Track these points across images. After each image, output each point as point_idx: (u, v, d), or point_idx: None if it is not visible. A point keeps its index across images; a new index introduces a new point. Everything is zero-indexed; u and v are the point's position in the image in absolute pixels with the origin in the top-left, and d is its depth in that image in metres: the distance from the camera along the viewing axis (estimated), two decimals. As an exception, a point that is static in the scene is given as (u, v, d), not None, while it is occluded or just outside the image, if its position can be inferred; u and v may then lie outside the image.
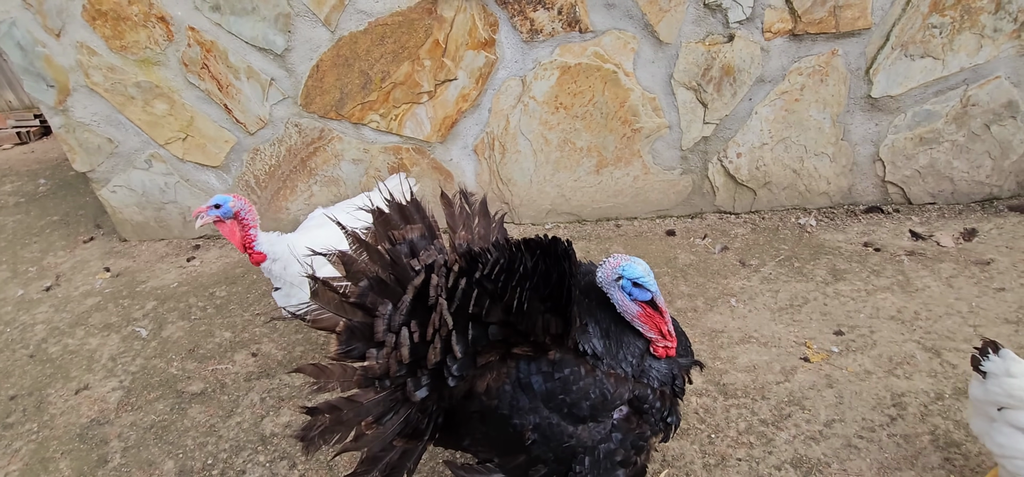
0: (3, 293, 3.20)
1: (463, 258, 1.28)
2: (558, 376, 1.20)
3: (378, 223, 1.40)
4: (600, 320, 1.27)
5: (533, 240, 1.26)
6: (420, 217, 1.44)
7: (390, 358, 1.23)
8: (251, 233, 1.82)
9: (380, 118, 2.82)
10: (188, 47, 2.69)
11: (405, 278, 1.28)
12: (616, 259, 1.23)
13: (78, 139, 3.06)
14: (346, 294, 1.26)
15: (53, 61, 2.81)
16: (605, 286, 1.24)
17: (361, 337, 1.26)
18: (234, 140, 3.00)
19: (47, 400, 2.39)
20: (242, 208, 1.79)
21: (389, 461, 1.27)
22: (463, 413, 1.28)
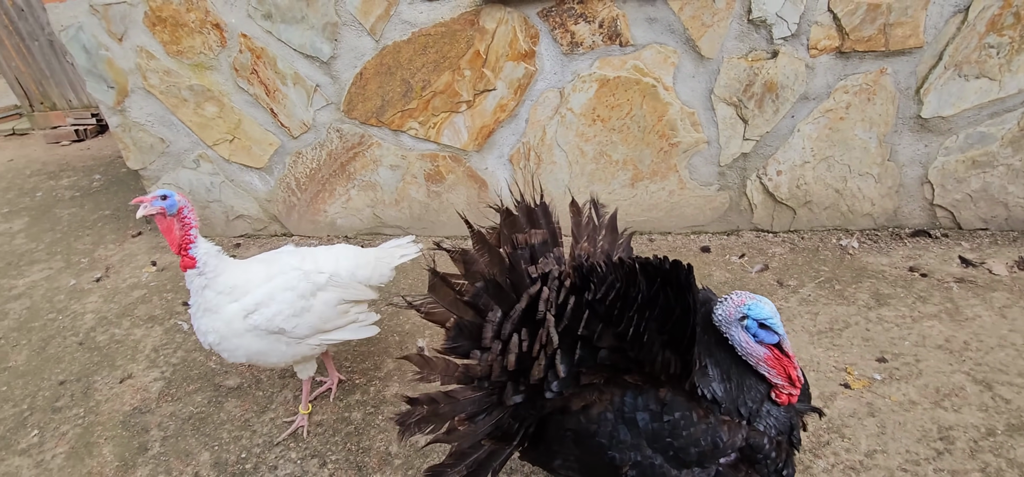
0: (57, 282, 3.36)
1: (577, 273, 1.23)
2: (667, 418, 1.13)
3: (504, 224, 1.38)
4: (720, 360, 1.16)
5: (652, 263, 1.18)
6: (545, 222, 1.42)
7: (494, 363, 1.24)
8: (190, 234, 1.73)
9: (419, 125, 2.87)
10: (239, 53, 2.80)
11: (521, 285, 1.27)
12: (739, 297, 1.13)
13: (133, 138, 3.21)
14: (461, 292, 1.28)
15: (114, 64, 2.96)
16: (725, 325, 1.14)
17: (469, 336, 1.27)
18: (278, 143, 3.09)
19: (94, 387, 2.49)
20: (185, 206, 1.73)
21: (477, 458, 1.28)
22: (557, 429, 1.27)
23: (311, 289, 1.86)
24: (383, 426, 2.10)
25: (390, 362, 2.40)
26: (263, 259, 1.96)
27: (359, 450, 2.02)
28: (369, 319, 2.08)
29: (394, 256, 2.16)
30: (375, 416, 2.15)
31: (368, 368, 2.38)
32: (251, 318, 1.75)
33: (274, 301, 1.78)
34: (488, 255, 1.30)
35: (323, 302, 1.88)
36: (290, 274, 1.86)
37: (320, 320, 1.88)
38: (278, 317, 1.77)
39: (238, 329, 1.76)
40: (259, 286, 1.81)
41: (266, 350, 1.82)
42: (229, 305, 1.76)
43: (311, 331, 1.86)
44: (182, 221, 1.71)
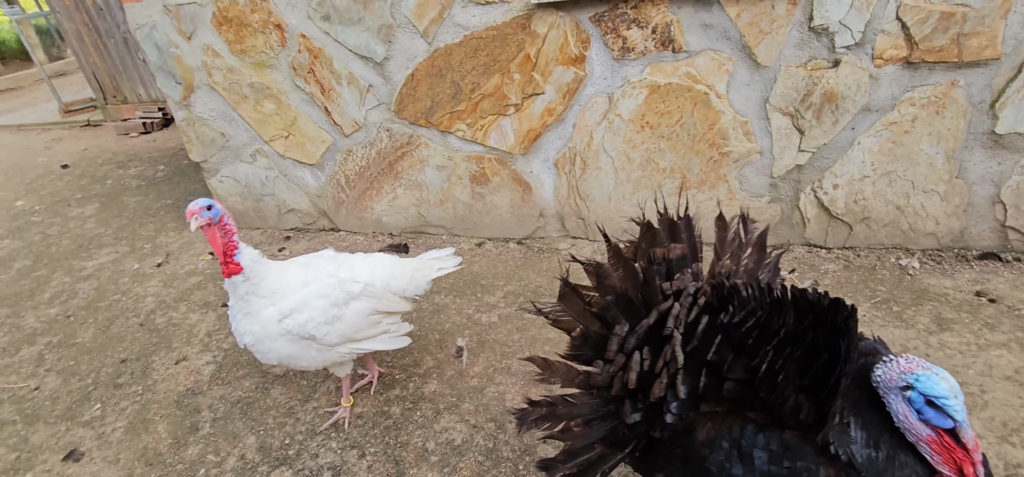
0: (122, 266, 3.57)
1: (714, 292, 1.14)
2: (788, 464, 1.01)
3: (643, 238, 1.33)
4: (870, 423, 0.98)
5: (806, 297, 1.05)
6: (687, 236, 1.35)
7: (615, 376, 1.21)
8: (234, 240, 1.74)
9: (467, 127, 2.91)
10: (298, 53, 2.91)
11: (653, 301, 1.22)
12: (908, 362, 0.93)
13: (196, 132, 3.39)
14: (590, 303, 1.28)
15: (183, 61, 3.13)
16: (883, 388, 0.96)
17: (593, 346, 1.27)
18: (330, 141, 3.19)
19: (152, 366, 2.62)
20: (224, 215, 1.73)
21: (588, 459, 1.29)
22: (667, 447, 1.23)
23: (345, 298, 1.86)
24: (421, 422, 2.13)
25: (429, 360, 2.43)
26: (302, 262, 1.97)
27: (397, 444, 2.05)
28: (401, 330, 2.09)
29: (432, 268, 2.16)
30: (413, 412, 2.18)
31: (408, 364, 2.42)
32: (284, 322, 1.78)
33: (307, 307, 1.80)
34: (623, 269, 1.27)
35: (355, 311, 1.89)
36: (325, 281, 1.86)
37: (351, 329, 1.88)
38: (310, 324, 1.79)
39: (272, 332, 1.79)
40: (295, 291, 1.83)
41: (297, 354, 1.84)
42: (266, 309, 1.79)
43: (341, 339, 1.87)
44: (224, 229, 1.71)
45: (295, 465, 2.02)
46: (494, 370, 2.33)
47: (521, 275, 2.94)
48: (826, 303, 1.02)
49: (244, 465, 2.04)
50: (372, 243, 3.43)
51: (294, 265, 1.93)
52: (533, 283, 2.86)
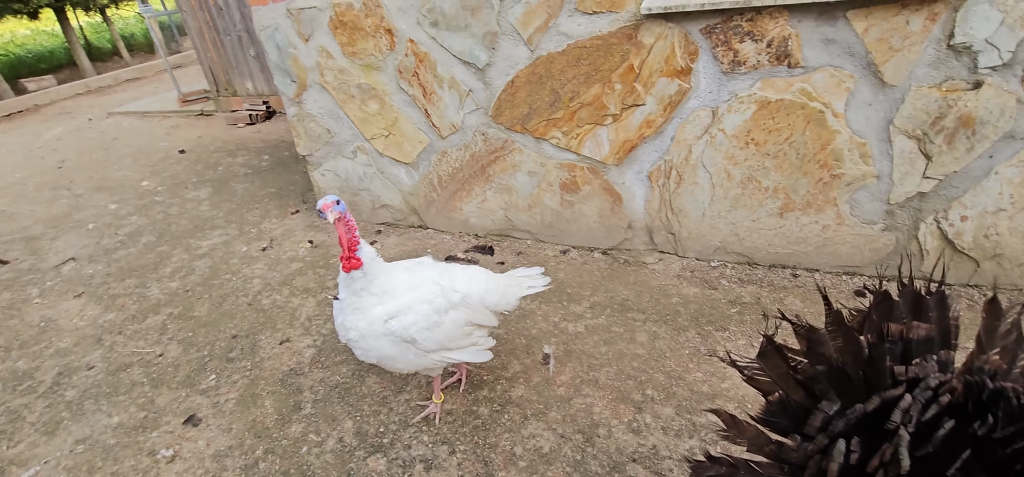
0: (232, 247, 3.87)
1: (967, 391, 0.93)
2: None
3: (876, 308, 1.14)
4: None
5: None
6: (938, 316, 1.10)
7: (812, 457, 1.04)
8: (356, 236, 1.79)
9: (562, 135, 2.92)
10: (405, 57, 3.04)
11: (878, 383, 1.03)
12: None
13: (305, 127, 3.62)
14: (796, 369, 1.13)
15: (299, 61, 3.35)
16: None
17: (792, 416, 1.11)
18: (427, 142, 3.31)
19: (259, 344, 2.82)
20: (346, 210, 1.78)
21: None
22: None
23: (446, 306, 1.91)
24: (508, 425, 2.16)
25: (516, 364, 2.46)
26: (406, 267, 2.02)
27: (486, 445, 2.09)
28: (487, 344, 2.12)
29: (522, 286, 2.18)
30: (501, 414, 2.22)
31: (495, 366, 2.46)
32: (390, 323, 1.83)
33: (412, 311, 1.85)
34: (842, 339, 1.09)
35: (453, 320, 1.93)
36: (429, 288, 1.91)
37: (447, 337, 1.92)
38: (412, 327, 1.84)
39: (376, 331, 1.84)
40: (402, 294, 1.88)
41: (395, 356, 1.89)
42: (375, 308, 1.85)
43: (437, 346, 1.91)
44: (347, 225, 1.75)
45: (389, 453, 2.10)
46: (581, 381, 2.32)
47: (607, 286, 2.91)
48: None
49: (343, 448, 2.15)
50: (458, 243, 3.52)
51: (400, 269, 1.99)
52: (620, 295, 2.82)
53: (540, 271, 2.28)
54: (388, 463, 2.06)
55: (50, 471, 2.22)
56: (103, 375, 2.72)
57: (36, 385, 2.72)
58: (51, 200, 5.29)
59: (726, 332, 2.49)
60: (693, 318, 2.61)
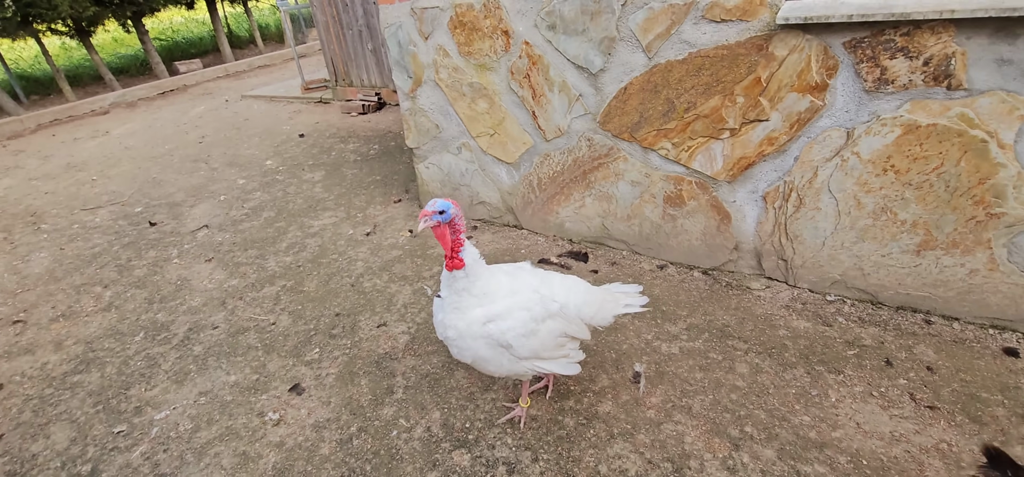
0: (339, 230, 4.11)
1: None
2: None
3: None
4: None
5: None
6: None
7: None
8: (461, 238, 1.81)
9: (672, 147, 2.79)
10: (519, 58, 3.06)
11: None
12: None
13: (416, 121, 3.77)
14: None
15: (417, 58, 3.49)
16: None
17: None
18: (531, 143, 3.32)
19: (358, 325, 2.96)
20: (457, 215, 1.81)
21: None
22: None
23: (543, 315, 1.89)
24: (593, 441, 2.10)
25: (605, 379, 2.39)
26: (507, 271, 2.02)
27: (569, 458, 2.04)
28: (577, 357, 2.07)
29: (619, 303, 2.10)
30: (587, 428, 2.16)
31: (583, 378, 2.40)
32: (488, 326, 1.83)
33: (511, 316, 1.84)
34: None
35: (548, 330, 1.90)
36: (528, 295, 1.90)
37: (541, 346, 1.90)
38: (510, 333, 1.83)
39: (475, 332, 1.85)
40: (503, 298, 1.88)
41: (490, 358, 1.89)
42: (474, 309, 1.86)
43: (531, 354, 1.90)
44: (454, 228, 1.79)
45: (474, 450, 2.12)
46: (673, 406, 2.21)
47: (705, 308, 2.75)
48: None
49: (430, 437, 2.20)
50: (552, 246, 3.50)
51: (501, 273, 1.99)
52: (719, 320, 2.66)
53: (638, 289, 2.19)
54: (472, 460, 2.08)
55: (177, 416, 2.47)
56: (225, 335, 3.00)
57: (170, 337, 3.06)
58: (192, 171, 5.95)
59: (841, 375, 2.26)
60: (802, 355, 2.39)
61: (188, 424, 2.41)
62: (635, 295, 2.16)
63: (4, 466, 2.31)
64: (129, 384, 2.72)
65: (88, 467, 2.26)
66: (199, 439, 2.33)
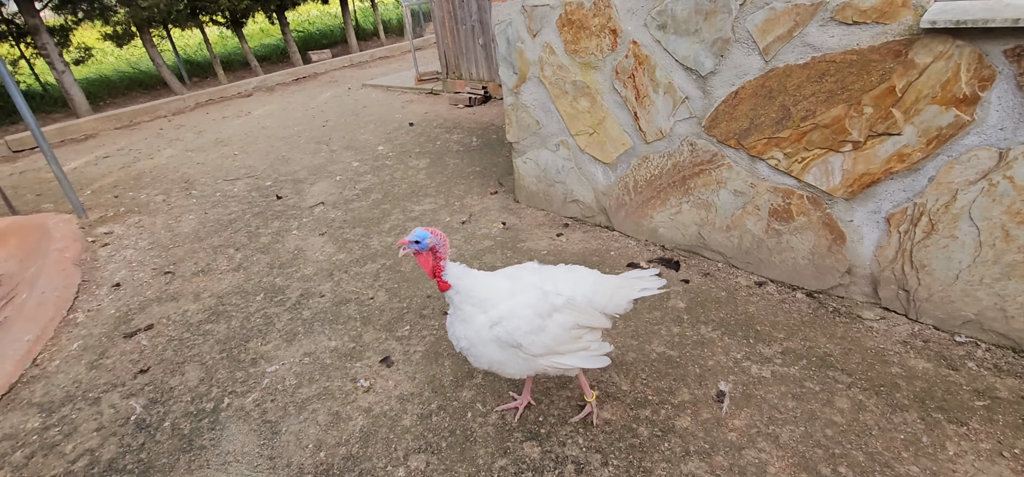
0: (438, 216, 4.31)
1: None
2: None
3: None
4: None
5: None
6: None
7: None
8: (442, 264, 1.89)
9: (783, 157, 2.60)
10: (625, 58, 3.02)
11: None
12: None
13: (517, 116, 3.85)
14: None
15: (524, 55, 3.56)
16: None
17: None
18: (630, 145, 3.25)
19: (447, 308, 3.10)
20: (437, 243, 1.87)
21: None
22: None
23: (548, 309, 1.89)
24: (667, 455, 2.03)
25: (685, 392, 2.29)
26: (508, 275, 2.05)
27: (640, 468, 1.99)
28: (602, 349, 2.02)
29: (634, 288, 2.04)
30: (661, 441, 2.09)
31: (662, 389, 2.33)
32: (495, 329, 1.87)
33: (515, 316, 1.86)
34: None
35: (558, 324, 1.90)
36: (530, 292, 1.91)
37: (554, 341, 1.90)
38: (516, 332, 1.85)
39: (484, 338, 1.89)
40: (505, 300, 1.91)
41: (504, 361, 1.93)
42: (479, 316, 1.91)
43: (545, 350, 1.90)
44: (435, 254, 1.89)
45: (544, 445, 2.14)
46: (757, 432, 2.07)
47: (806, 333, 2.54)
48: None
49: (503, 425, 2.25)
50: (643, 251, 3.41)
51: (501, 277, 2.03)
52: (821, 347, 2.44)
53: (655, 273, 2.14)
54: (542, 453, 2.10)
55: (285, 371, 2.75)
56: (329, 304, 3.28)
57: (285, 300, 3.39)
58: (314, 151, 6.53)
59: (964, 427, 1.98)
60: (918, 398, 2.12)
61: (293, 380, 2.67)
62: (651, 278, 2.10)
63: (149, 393, 2.71)
64: (248, 337, 3.06)
65: (211, 404, 2.58)
66: (301, 394, 2.57)
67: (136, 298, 3.65)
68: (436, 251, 1.89)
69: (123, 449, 2.39)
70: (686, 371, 2.41)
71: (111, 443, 2.43)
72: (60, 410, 2.68)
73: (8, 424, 2.63)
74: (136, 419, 2.56)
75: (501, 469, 2.06)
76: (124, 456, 2.35)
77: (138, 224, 4.96)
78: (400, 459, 2.16)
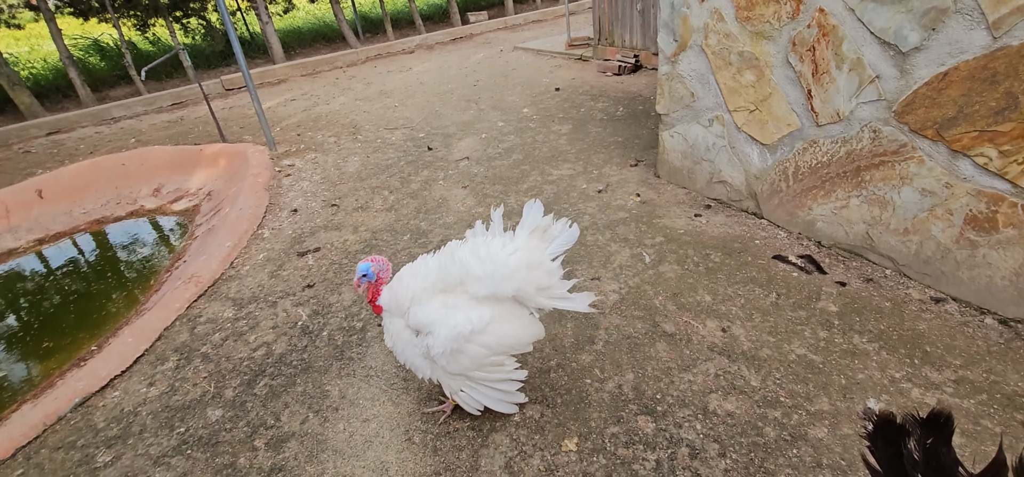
0: (574, 183, 4.31)
1: None
2: None
3: None
4: None
5: None
6: None
7: None
8: (379, 289, 2.04)
9: (997, 155, 2.17)
10: (806, 28, 2.70)
11: None
12: None
13: (671, 87, 3.67)
14: None
15: (688, 21, 3.36)
16: None
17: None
18: (796, 126, 2.94)
19: (575, 273, 3.08)
20: (381, 269, 2.03)
21: None
22: None
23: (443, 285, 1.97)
24: (795, 462, 1.87)
25: (825, 401, 2.08)
26: (413, 272, 2.05)
27: (761, 469, 1.86)
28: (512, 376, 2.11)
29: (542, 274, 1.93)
30: (789, 446, 1.93)
31: (798, 393, 2.14)
32: (427, 339, 1.96)
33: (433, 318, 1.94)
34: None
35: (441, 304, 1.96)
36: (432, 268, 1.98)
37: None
38: (436, 347, 1.94)
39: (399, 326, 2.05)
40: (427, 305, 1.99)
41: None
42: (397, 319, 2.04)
43: (461, 370, 1.99)
44: (376, 285, 2.05)
45: (660, 422, 2.09)
46: (913, 465, 1.81)
47: (991, 365, 2.14)
48: None
49: (619, 394, 2.24)
50: (793, 243, 3.10)
51: (407, 275, 2.05)
52: (1009, 385, 2.04)
53: (567, 223, 1.95)
54: (656, 430, 2.06)
55: (423, 303, 3.00)
56: (466, 249, 3.48)
57: (427, 243, 3.68)
58: (464, 109, 6.87)
59: None
60: None
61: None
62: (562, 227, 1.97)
63: (313, 305, 3.13)
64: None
65: (360, 325, 2.92)
66: (438, 334, 2.80)
67: (308, 224, 4.21)
68: (380, 278, 2.05)
69: (291, 347, 2.81)
70: (829, 380, 2.19)
71: (282, 340, 2.88)
72: (247, 307, 3.23)
73: (211, 310, 3.23)
74: (302, 325, 2.99)
75: (612, 436, 2.07)
76: (291, 353, 2.77)
77: (313, 160, 5.66)
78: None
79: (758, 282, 2.83)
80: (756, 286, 2.80)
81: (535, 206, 1.92)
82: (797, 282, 2.79)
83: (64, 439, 2.41)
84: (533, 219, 1.90)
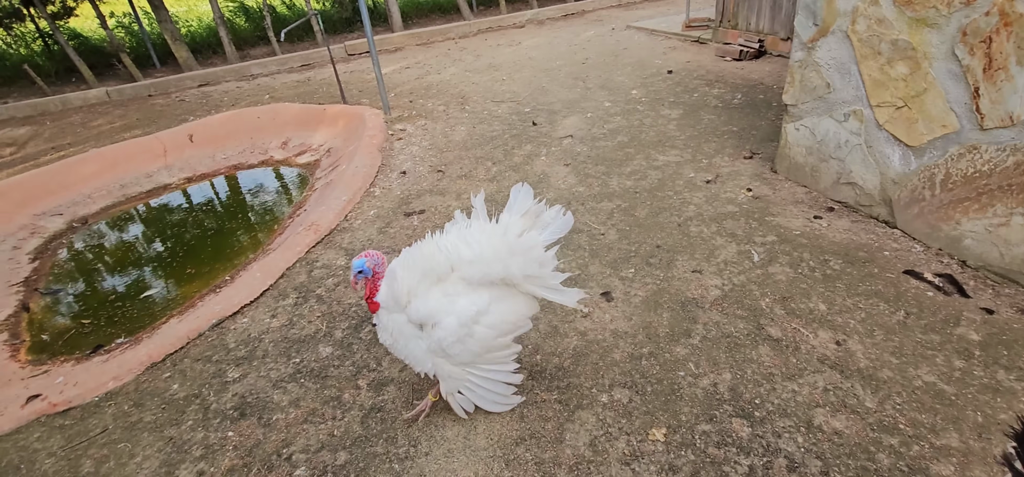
0: (681, 170, 4.14)
1: None
2: None
3: None
4: None
5: None
6: None
7: None
8: (377, 285, 1.95)
9: None
10: (984, 16, 2.34)
11: None
12: None
13: (802, 75, 3.36)
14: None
15: (833, 3, 3.03)
16: None
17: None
18: (954, 128, 2.58)
19: (675, 262, 3.00)
20: (377, 264, 1.93)
21: None
22: None
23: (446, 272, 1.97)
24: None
25: (954, 435, 1.87)
26: (404, 264, 1.99)
27: None
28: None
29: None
30: None
31: (922, 423, 1.94)
32: (407, 310, 1.97)
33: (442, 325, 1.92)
34: None
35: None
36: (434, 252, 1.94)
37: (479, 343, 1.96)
38: (446, 338, 1.93)
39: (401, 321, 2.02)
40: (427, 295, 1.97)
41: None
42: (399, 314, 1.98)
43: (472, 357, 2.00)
44: (376, 276, 1.96)
45: (756, 427, 1.99)
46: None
47: None
48: None
49: (714, 392, 2.16)
50: (930, 260, 2.76)
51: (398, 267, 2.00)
52: None
53: (560, 210, 1.98)
54: (751, 435, 1.97)
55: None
56: (564, 227, 3.48)
57: (527, 212, 3.72)
58: (571, 87, 6.80)
59: None
60: None
61: (523, 283, 2.97)
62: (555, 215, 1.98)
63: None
64: (493, 239, 3.47)
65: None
66: (529, 302, 2.85)
67: (415, 186, 4.42)
68: (377, 274, 1.96)
69: (393, 298, 3.00)
70: (962, 414, 1.96)
71: (386, 291, 3.07)
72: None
73: (326, 257, 3.52)
74: (404, 278, 3.17)
75: (703, 434, 2.00)
76: (393, 303, 2.95)
77: (423, 127, 5.91)
78: (605, 386, 2.26)
79: (884, 297, 2.57)
80: (881, 301, 2.54)
81: (523, 189, 1.95)
82: (932, 303, 2.49)
83: (202, 353, 2.77)
84: (522, 203, 1.93)
